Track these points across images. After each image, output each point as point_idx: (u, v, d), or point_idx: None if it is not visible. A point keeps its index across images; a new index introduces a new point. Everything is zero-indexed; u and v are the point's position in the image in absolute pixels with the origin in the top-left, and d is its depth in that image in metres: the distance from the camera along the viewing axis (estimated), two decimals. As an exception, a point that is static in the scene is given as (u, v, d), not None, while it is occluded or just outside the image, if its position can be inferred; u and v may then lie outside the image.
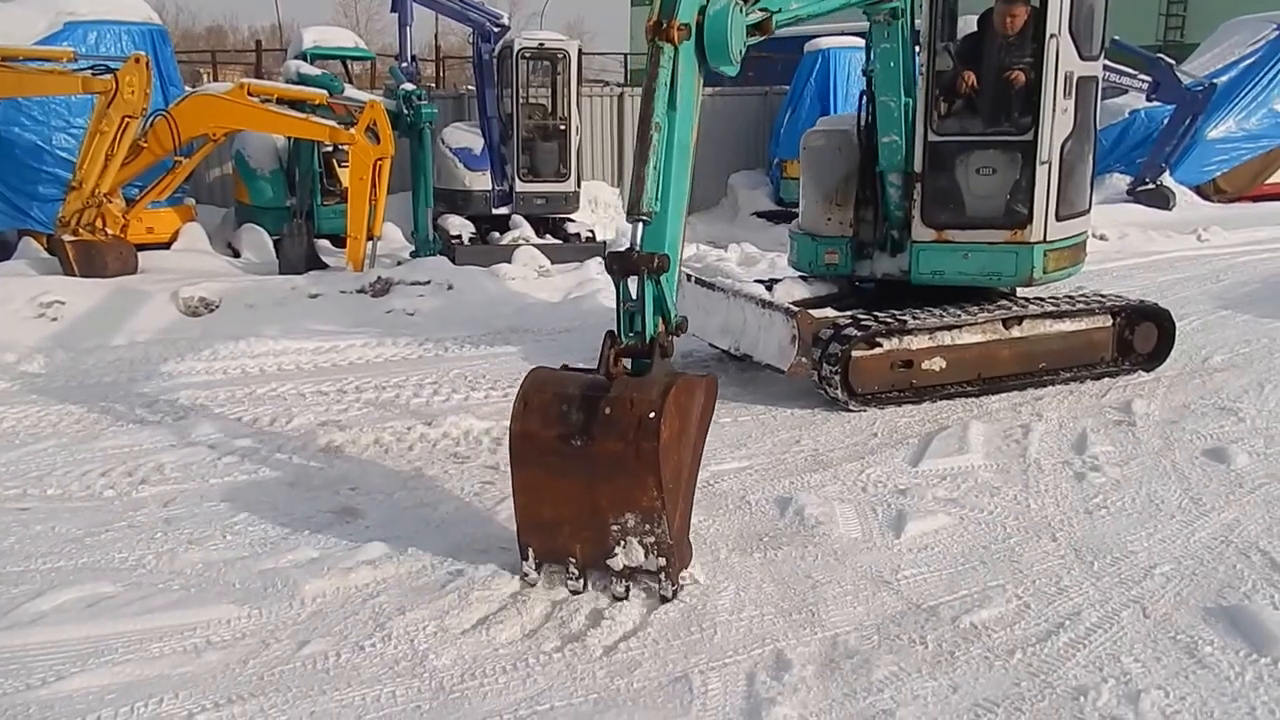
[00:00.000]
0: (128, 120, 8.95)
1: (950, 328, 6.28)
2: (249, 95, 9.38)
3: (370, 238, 9.40)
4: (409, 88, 10.62)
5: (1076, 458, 5.30)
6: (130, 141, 9.08)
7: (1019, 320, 6.51)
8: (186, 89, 10.91)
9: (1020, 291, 6.74)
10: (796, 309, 6.21)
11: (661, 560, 3.72)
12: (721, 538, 4.34)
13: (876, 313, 6.25)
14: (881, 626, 3.65)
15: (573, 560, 3.82)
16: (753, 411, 6.08)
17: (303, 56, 12.37)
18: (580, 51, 13.03)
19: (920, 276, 6.55)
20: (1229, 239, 12.76)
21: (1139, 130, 16.11)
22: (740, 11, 4.23)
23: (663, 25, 3.97)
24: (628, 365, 3.80)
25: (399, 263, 9.98)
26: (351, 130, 9.27)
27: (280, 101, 9.57)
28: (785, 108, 16.05)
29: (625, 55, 32.17)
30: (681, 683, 3.30)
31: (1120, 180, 15.32)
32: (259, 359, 7.22)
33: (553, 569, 3.89)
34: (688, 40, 4.04)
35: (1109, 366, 6.79)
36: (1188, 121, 14.61)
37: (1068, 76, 6.14)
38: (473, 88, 13.22)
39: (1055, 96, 6.11)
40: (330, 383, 6.69)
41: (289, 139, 11.30)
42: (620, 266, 3.79)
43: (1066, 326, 6.67)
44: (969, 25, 6.70)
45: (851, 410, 6.04)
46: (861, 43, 7.30)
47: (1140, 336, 6.86)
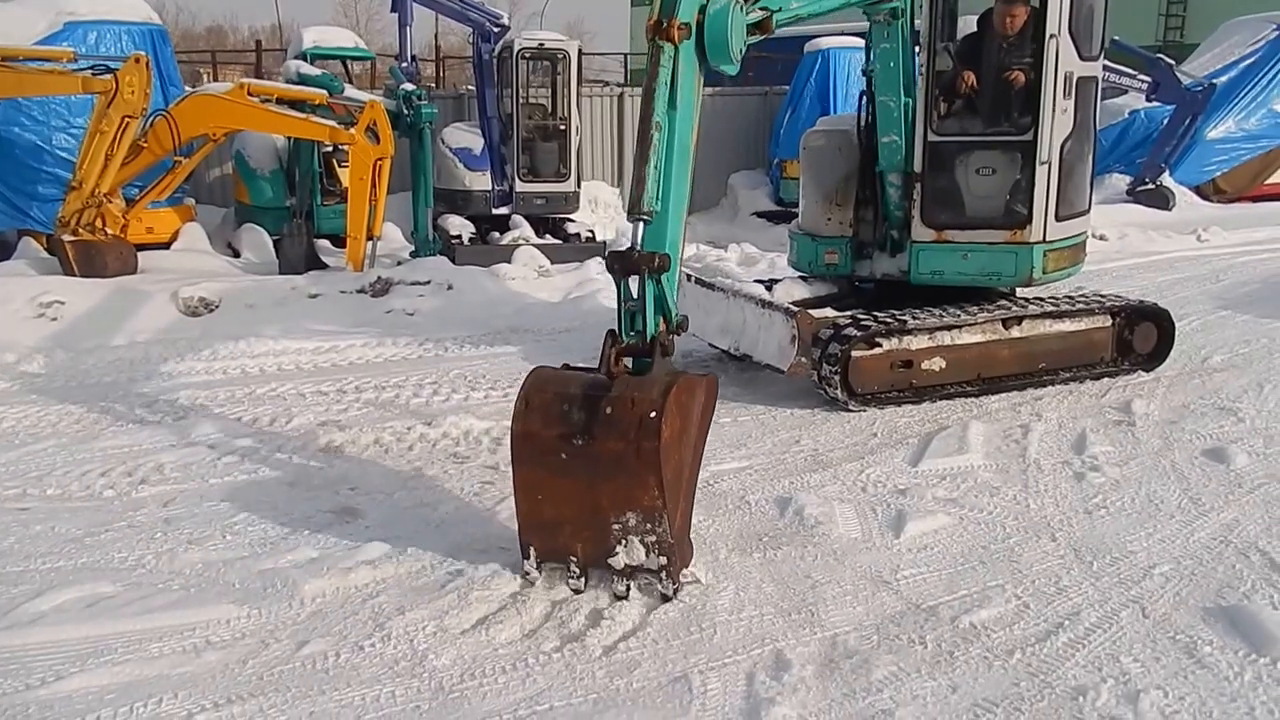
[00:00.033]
0: (128, 120, 8.95)
1: (950, 328, 6.29)
2: (249, 95, 9.39)
3: (370, 238, 9.40)
4: (409, 88, 10.62)
5: (1076, 458, 5.30)
6: (130, 141, 9.08)
7: (1019, 320, 6.51)
8: (186, 89, 10.91)
9: (1020, 292, 6.74)
10: (796, 309, 6.21)
11: (662, 559, 3.72)
12: (721, 538, 4.34)
13: (876, 313, 6.25)
14: (881, 626, 3.65)
15: (574, 559, 3.82)
16: (752, 411, 6.08)
17: (303, 56, 12.37)
18: (580, 52, 13.03)
19: (920, 276, 6.55)
20: (1228, 239, 12.76)
21: (1139, 130, 16.12)
22: (741, 10, 4.23)
23: (663, 24, 3.98)
24: (629, 364, 3.80)
25: (399, 263, 9.98)
26: (351, 130, 9.27)
27: (280, 101, 9.57)
28: (785, 108, 16.05)
29: (625, 55, 32.18)
30: (681, 683, 3.30)
31: (1120, 180, 15.32)
32: (259, 359, 7.23)
33: (554, 568, 3.89)
34: (688, 39, 4.05)
35: (1109, 366, 6.80)
36: (1187, 122, 14.61)
37: (1067, 77, 6.14)
38: (473, 88, 13.22)
39: (1055, 97, 6.11)
40: (330, 383, 6.69)
41: (289, 139, 11.30)
42: (621, 266, 3.80)
43: (1066, 327, 6.68)
44: (969, 25, 6.71)
45: (851, 410, 6.04)
46: (861, 43, 7.30)
47: (1140, 336, 6.86)
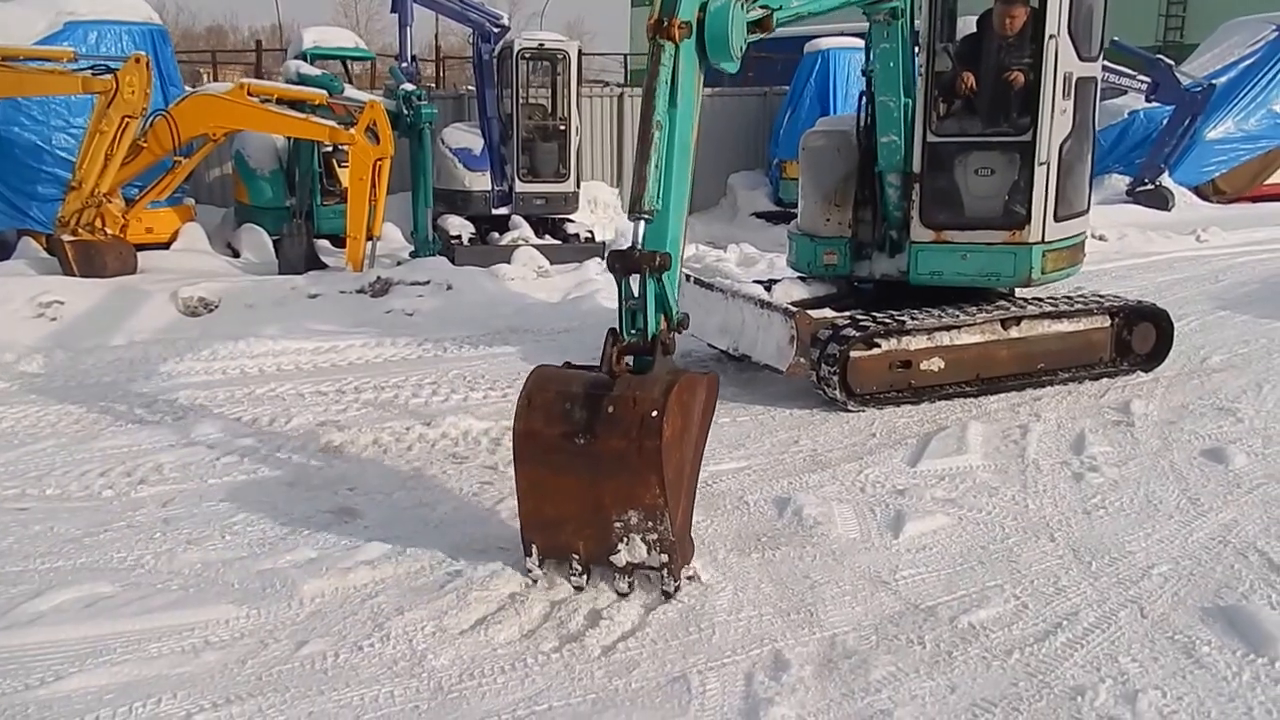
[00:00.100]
0: (127, 120, 8.95)
1: (949, 328, 6.29)
2: (249, 95, 9.39)
3: (370, 238, 9.41)
4: (409, 88, 10.62)
5: (1075, 458, 5.30)
6: (130, 141, 9.08)
7: (1017, 321, 6.51)
8: (186, 89, 10.91)
9: (1019, 292, 6.73)
10: (795, 309, 6.21)
11: (664, 557, 3.73)
12: (720, 538, 4.34)
13: (875, 313, 6.26)
14: (879, 627, 3.65)
15: (576, 557, 3.84)
16: (751, 412, 6.09)
17: (303, 56, 12.37)
18: (580, 52, 13.05)
19: (919, 277, 6.55)
20: (1228, 239, 12.76)
21: (1138, 131, 16.12)
22: (741, 9, 4.25)
23: (663, 23, 3.99)
24: (630, 363, 3.82)
25: (398, 263, 9.98)
26: (351, 130, 9.27)
27: (280, 102, 9.57)
28: (785, 108, 16.05)
29: (625, 56, 32.18)
30: (680, 683, 3.30)
31: (1119, 181, 15.33)
32: (258, 359, 7.23)
33: (556, 565, 3.90)
34: (688, 38, 4.06)
35: (1107, 367, 6.80)
36: (1187, 122, 14.62)
37: (1066, 77, 6.15)
38: (473, 88, 13.23)
39: (1054, 97, 6.11)
40: (329, 383, 6.69)
41: (289, 139, 11.30)
42: (622, 265, 3.81)
43: (1065, 327, 6.68)
44: (968, 26, 6.71)
45: (850, 411, 6.04)
46: (861, 43, 7.30)
47: (1139, 337, 6.87)
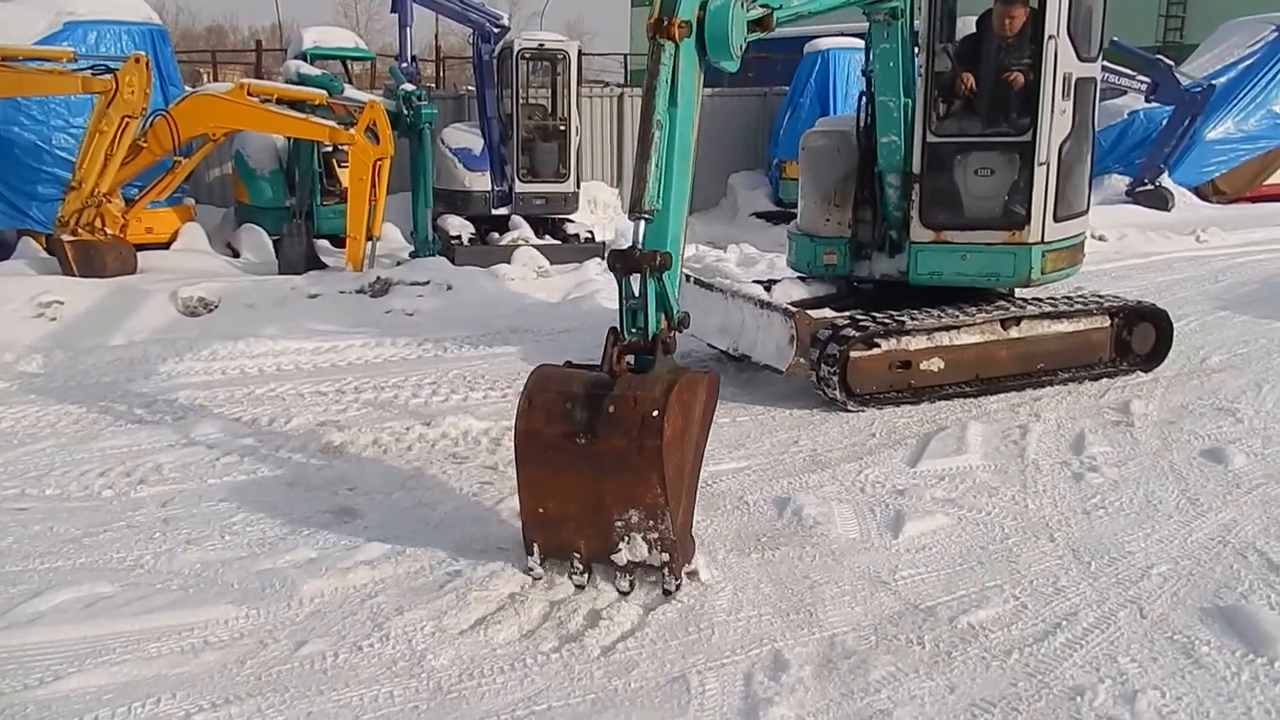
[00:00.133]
0: (127, 120, 8.95)
1: (948, 328, 6.29)
2: (249, 95, 9.38)
3: (370, 238, 9.40)
4: (409, 88, 10.62)
5: (1074, 458, 5.31)
6: (130, 141, 9.08)
7: (1017, 321, 6.52)
8: (186, 89, 10.91)
9: (1018, 292, 6.73)
10: (795, 309, 6.21)
11: (665, 555, 3.75)
12: (719, 538, 4.34)
13: (875, 313, 6.26)
14: (879, 627, 3.65)
15: (577, 555, 3.85)
16: (751, 412, 6.09)
17: (303, 57, 12.37)
18: (580, 52, 13.05)
19: (918, 277, 6.55)
20: (1227, 240, 12.77)
21: (1138, 131, 16.12)
22: (741, 8, 4.25)
23: (664, 22, 3.99)
24: (631, 362, 3.82)
25: (398, 263, 9.98)
26: (351, 130, 9.27)
27: (280, 102, 9.56)
28: (785, 108, 16.04)
29: (625, 56, 32.17)
30: (679, 683, 3.30)
31: (1119, 181, 15.32)
32: (258, 359, 7.23)
33: (558, 564, 3.90)
34: (688, 37, 4.07)
35: (1107, 367, 6.80)
36: (1186, 122, 14.61)
37: (1066, 78, 6.14)
38: (473, 88, 13.22)
39: (1054, 98, 6.11)
40: (329, 383, 6.69)
41: (289, 139, 11.29)
42: (622, 264, 3.82)
43: (1064, 327, 6.68)
44: (968, 26, 6.71)
45: (850, 411, 6.04)
46: (861, 43, 7.30)
47: (1138, 337, 6.87)
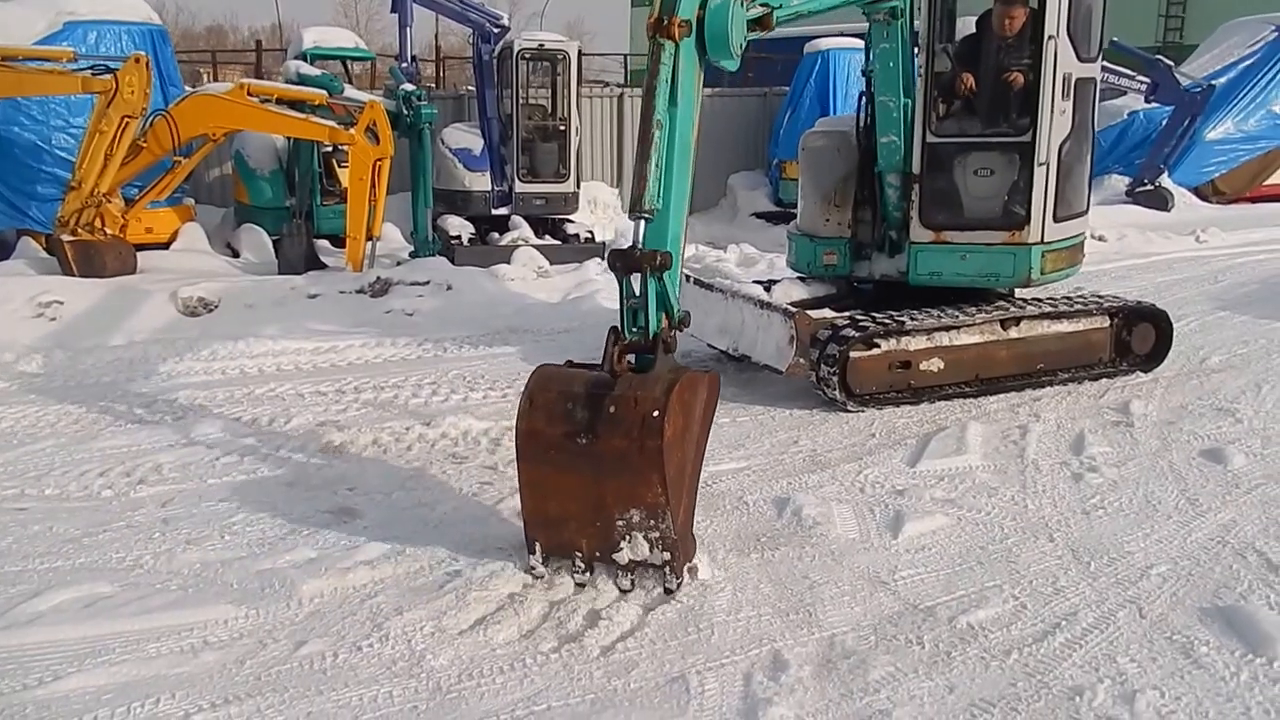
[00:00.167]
0: (127, 120, 8.95)
1: (948, 329, 6.29)
2: (249, 95, 9.39)
3: (369, 238, 9.41)
4: (409, 88, 10.61)
5: (1074, 458, 5.31)
6: (130, 141, 9.08)
7: (1016, 321, 6.51)
8: (186, 89, 10.91)
9: (1018, 292, 6.74)
10: (794, 310, 6.22)
11: (666, 554, 3.76)
12: (719, 538, 4.34)
13: (874, 314, 6.26)
14: (878, 627, 3.65)
15: (579, 554, 3.86)
16: (751, 412, 6.09)
17: (303, 57, 12.37)
18: (580, 52, 13.05)
19: (918, 277, 6.55)
20: (1227, 240, 12.77)
21: (1137, 131, 16.12)
22: (741, 6, 4.26)
23: (663, 22, 4.00)
24: (632, 361, 3.83)
25: (398, 263, 9.98)
26: (351, 130, 9.27)
27: (280, 102, 9.56)
28: (785, 108, 16.05)
29: (625, 56, 32.16)
30: (678, 683, 3.30)
31: (1119, 181, 15.32)
32: (258, 359, 7.23)
33: (559, 563, 3.91)
34: (688, 36, 4.07)
35: (1107, 367, 6.80)
36: (1186, 123, 14.61)
37: (1065, 78, 6.15)
38: (473, 88, 13.22)
39: (1053, 98, 6.11)
40: (329, 383, 6.69)
41: (289, 139, 11.29)
42: (623, 264, 3.83)
43: (1064, 327, 6.68)
44: (967, 27, 6.72)
45: (849, 411, 6.04)
46: (861, 44, 7.31)
47: (1138, 337, 6.87)
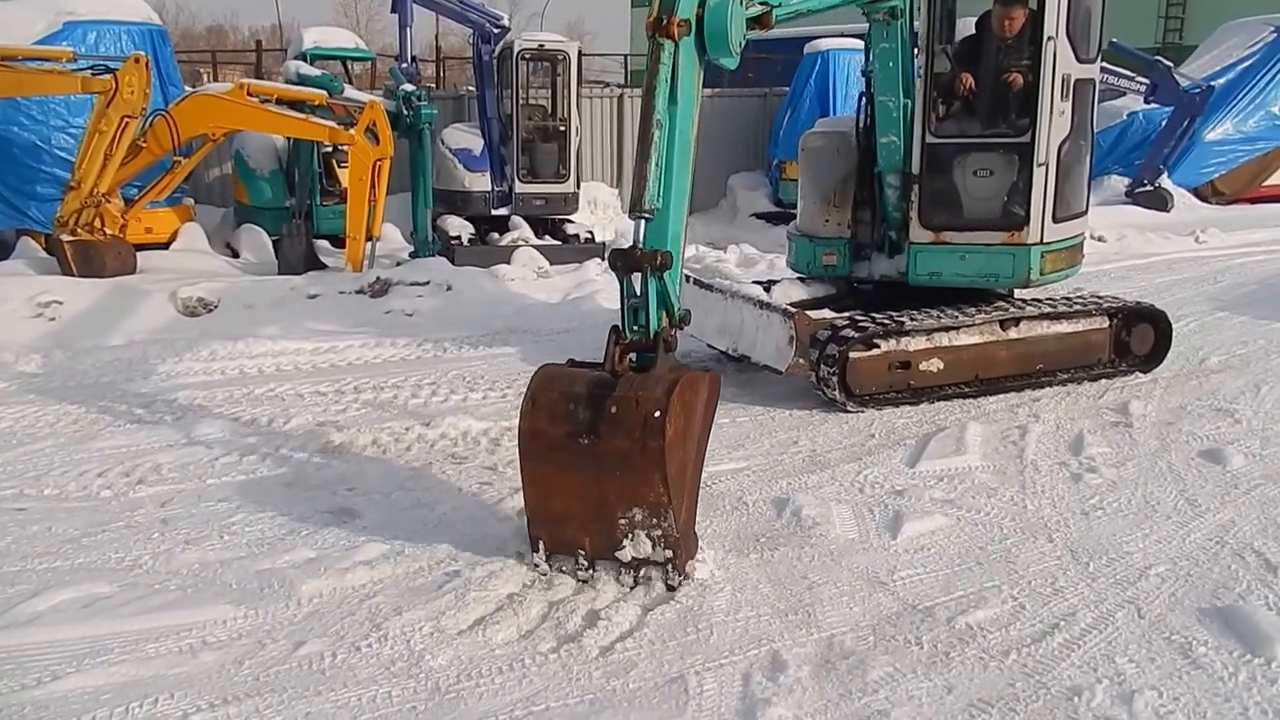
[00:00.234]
0: (127, 120, 8.94)
1: (948, 329, 6.29)
2: (249, 95, 9.38)
3: (369, 238, 9.41)
4: (409, 88, 10.61)
5: (1073, 459, 5.31)
6: (129, 141, 9.08)
7: (1016, 322, 6.52)
8: (186, 89, 10.90)
9: (1017, 293, 6.74)
10: (794, 310, 6.22)
11: (668, 552, 3.79)
12: (718, 538, 4.34)
13: (874, 314, 6.26)
14: (877, 627, 3.66)
15: (582, 552, 3.88)
16: (750, 412, 6.09)
17: (303, 57, 12.36)
18: (580, 53, 13.04)
19: (918, 278, 6.56)
20: (1226, 241, 12.77)
21: (1137, 132, 16.12)
22: (740, 4, 4.26)
23: (663, 21, 4.00)
24: (633, 359, 3.84)
25: (398, 263, 9.99)
26: (351, 131, 9.27)
27: (280, 102, 9.56)
28: (784, 109, 16.05)
29: (625, 56, 32.16)
30: (677, 683, 3.30)
31: (1118, 182, 15.32)
32: (257, 359, 7.23)
33: (563, 560, 3.93)
34: (688, 36, 4.08)
35: (1106, 368, 6.80)
36: (1185, 123, 14.60)
37: (1065, 79, 6.15)
38: (473, 88, 13.23)
39: (1052, 99, 6.11)
40: (328, 383, 6.69)
41: (288, 139, 11.29)
42: (624, 263, 3.85)
43: (1064, 328, 6.68)
44: (967, 28, 6.72)
45: (849, 411, 6.04)
46: (861, 44, 7.31)
47: (1137, 338, 6.87)
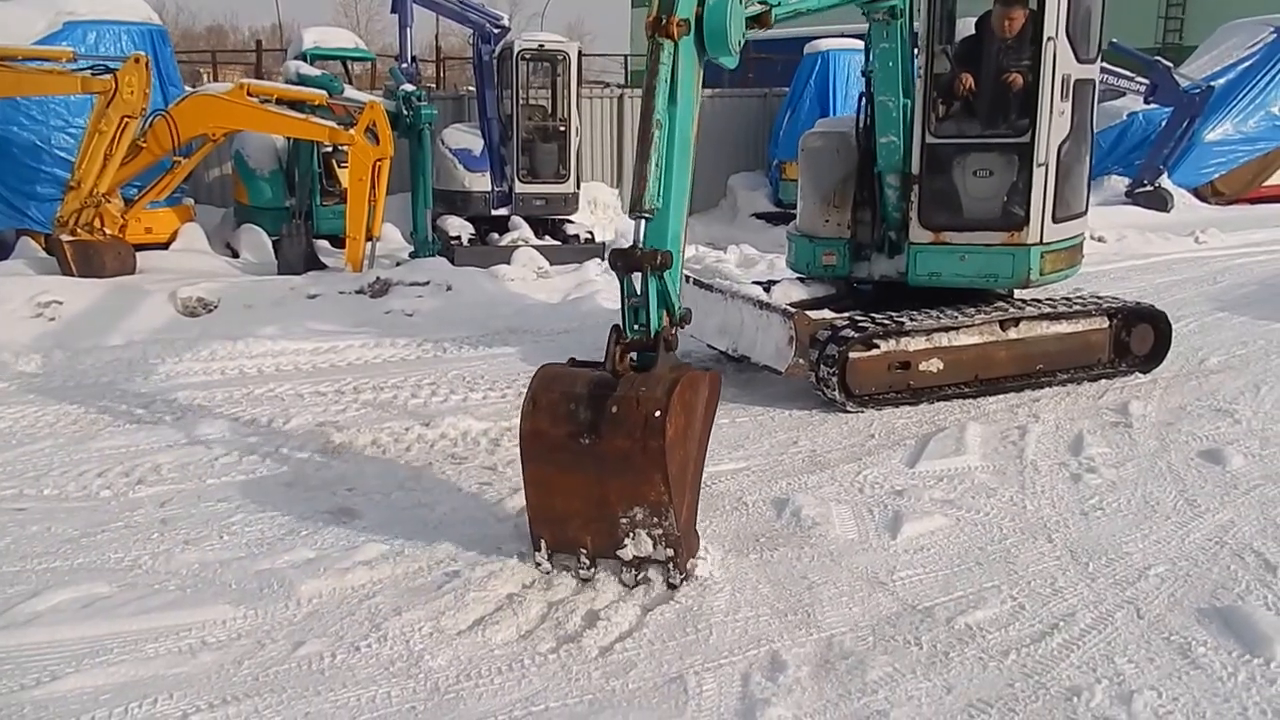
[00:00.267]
0: (127, 120, 8.94)
1: (947, 329, 6.29)
2: (249, 95, 9.38)
3: (369, 238, 9.41)
4: (409, 88, 10.61)
5: (1073, 459, 5.31)
6: (129, 141, 9.08)
7: (1016, 322, 6.52)
8: (186, 89, 10.90)
9: (1017, 293, 6.74)
10: (794, 310, 6.22)
11: (669, 551, 3.80)
12: (718, 538, 4.34)
13: (874, 314, 6.26)
14: (877, 627, 3.66)
15: (584, 551, 3.89)
16: (750, 412, 6.09)
17: (303, 57, 12.35)
18: (580, 53, 13.03)
19: (917, 278, 6.56)
20: (1226, 241, 12.78)
21: (1137, 132, 16.11)
22: (740, 3, 4.27)
23: (662, 21, 4.01)
24: (634, 359, 3.84)
25: (398, 263, 9.99)
26: (351, 131, 9.27)
27: (280, 102, 9.56)
28: (784, 109, 16.04)
29: (625, 57, 32.15)
30: (677, 683, 3.30)
31: (1118, 182, 15.31)
32: (257, 359, 7.23)
33: (564, 559, 3.94)
34: (687, 35, 4.08)
35: (1106, 368, 6.80)
36: (1185, 124, 14.60)
37: (1064, 79, 6.15)
38: (473, 89, 13.22)
39: (1052, 99, 6.12)
40: (328, 383, 6.70)
41: (288, 139, 11.29)
42: (624, 263, 3.85)
43: (1063, 328, 6.68)
44: (967, 28, 6.72)
45: (849, 411, 6.04)
46: (861, 44, 7.31)
47: (1137, 338, 6.87)
